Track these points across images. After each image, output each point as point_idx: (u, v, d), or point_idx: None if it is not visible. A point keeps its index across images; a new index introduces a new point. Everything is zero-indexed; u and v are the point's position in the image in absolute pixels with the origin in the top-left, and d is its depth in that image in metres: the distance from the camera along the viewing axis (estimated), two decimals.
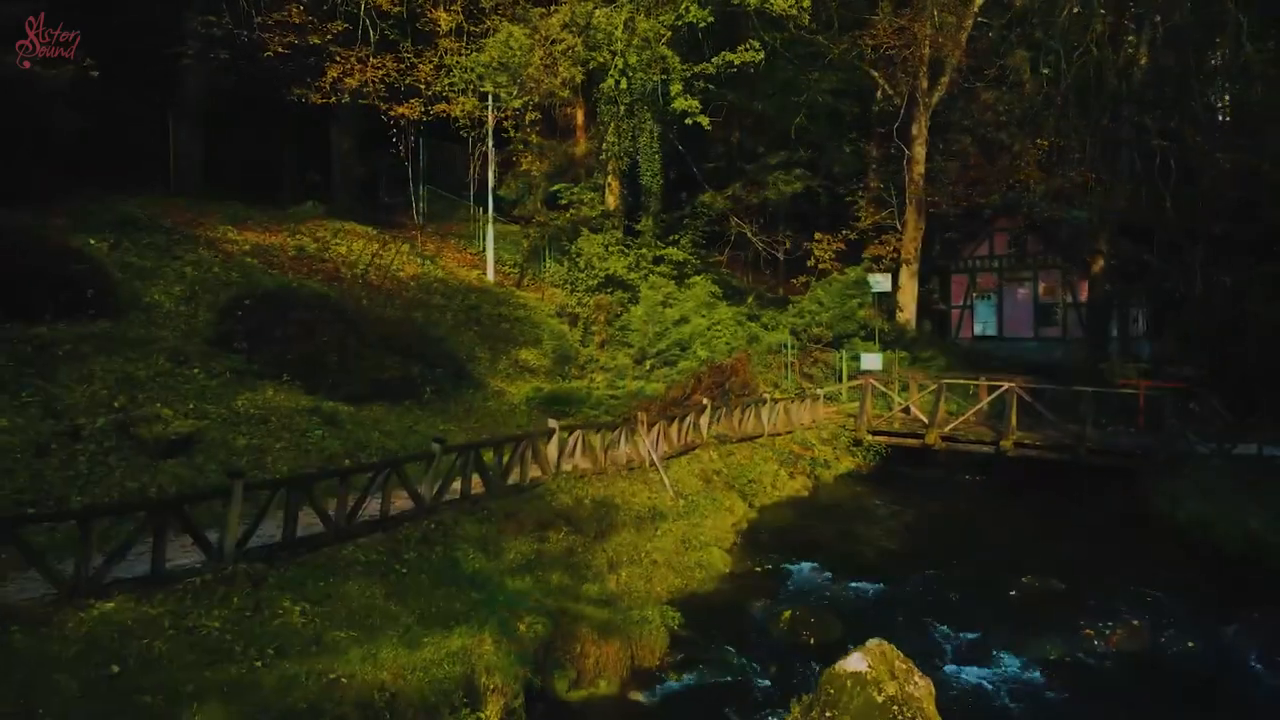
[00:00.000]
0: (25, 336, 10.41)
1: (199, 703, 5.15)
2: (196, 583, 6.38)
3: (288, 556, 7.12)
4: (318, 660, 5.90)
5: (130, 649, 5.51)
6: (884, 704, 5.65)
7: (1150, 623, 8.69)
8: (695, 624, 8.82)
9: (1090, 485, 14.95)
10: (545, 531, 9.30)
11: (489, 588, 7.81)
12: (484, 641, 6.73)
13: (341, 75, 20.36)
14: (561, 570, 8.68)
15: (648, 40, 17.76)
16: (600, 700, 7.38)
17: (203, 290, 14.24)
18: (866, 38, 27.23)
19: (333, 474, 7.92)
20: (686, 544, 10.58)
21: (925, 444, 16.68)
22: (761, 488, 13.98)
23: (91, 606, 5.80)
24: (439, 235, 24.38)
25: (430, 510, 8.57)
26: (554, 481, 10.44)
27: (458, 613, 7.15)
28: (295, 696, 5.47)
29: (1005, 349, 29.18)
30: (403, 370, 13.75)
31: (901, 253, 28.15)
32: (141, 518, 6.25)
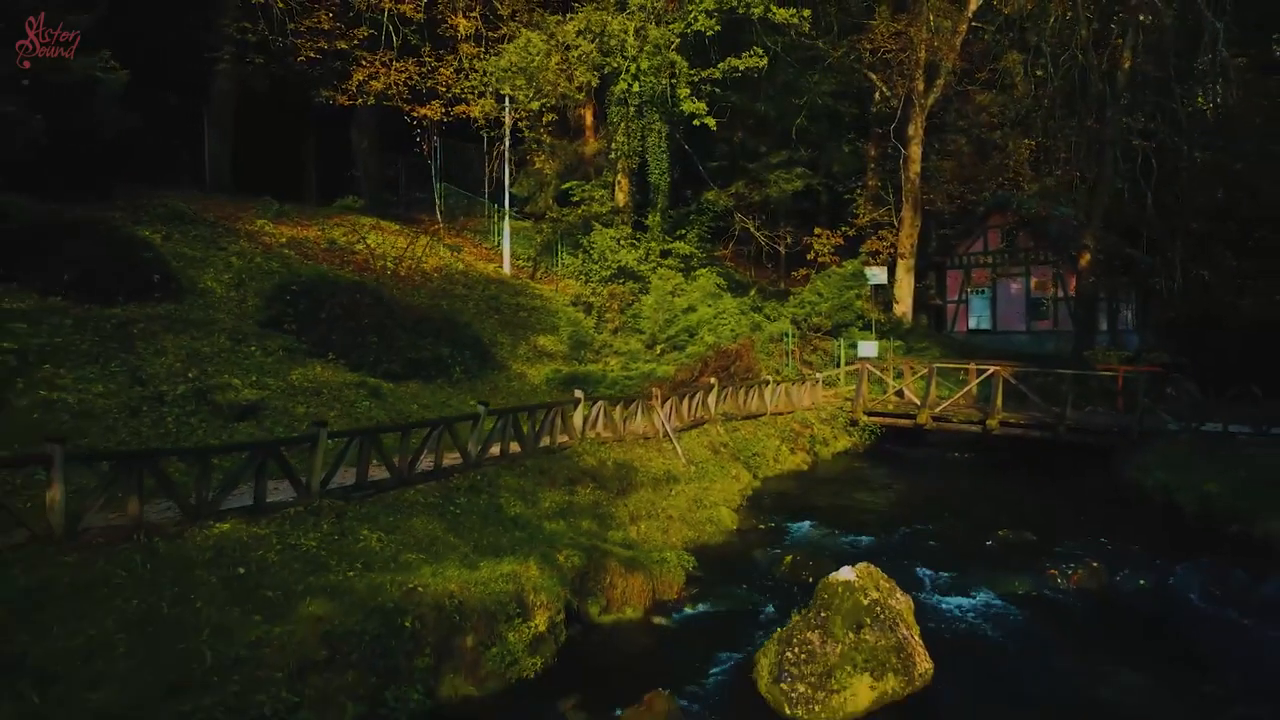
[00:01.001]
0: (104, 317, 11.59)
1: (309, 598, 6.33)
2: (290, 513, 7.57)
3: (360, 496, 8.31)
4: (396, 574, 7.08)
5: (249, 557, 6.70)
6: (869, 605, 6.83)
7: (1108, 566, 9.86)
8: (707, 567, 10.01)
9: (1069, 461, 16.12)
10: (574, 487, 10.49)
11: (529, 528, 9.01)
12: (530, 567, 7.90)
13: (367, 78, 21.55)
14: (589, 518, 9.86)
15: (658, 47, 18.94)
16: (627, 623, 8.56)
17: (248, 278, 15.43)
18: (865, 42, 28.44)
19: (397, 428, 9.12)
20: (698, 503, 11.76)
21: (917, 424, 17.86)
22: (764, 460, 15.18)
23: (211, 526, 6.99)
24: (456, 231, 25.56)
25: (475, 465, 9.76)
26: (580, 445, 11.64)
27: (505, 546, 8.34)
28: (383, 598, 6.64)
29: (998, 342, 30.31)
30: (434, 352, 14.93)
31: (898, 248, 29.35)
32: (246, 456, 7.43)
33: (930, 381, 18.26)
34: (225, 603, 6.01)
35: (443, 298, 18.39)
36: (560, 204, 25.43)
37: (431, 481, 9.16)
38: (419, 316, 15.50)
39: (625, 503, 10.75)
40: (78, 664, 5.06)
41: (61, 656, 5.08)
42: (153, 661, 5.26)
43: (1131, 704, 6.84)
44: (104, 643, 5.29)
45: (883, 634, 6.70)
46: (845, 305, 22.86)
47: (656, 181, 23.81)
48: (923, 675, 6.79)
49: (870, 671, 6.54)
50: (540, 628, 7.53)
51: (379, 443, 8.54)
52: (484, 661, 7.07)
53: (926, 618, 7.98)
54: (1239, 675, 7.38)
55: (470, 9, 22.27)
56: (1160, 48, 22.15)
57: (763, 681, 6.83)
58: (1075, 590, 9.38)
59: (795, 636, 6.86)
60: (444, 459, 9.61)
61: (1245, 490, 11.74)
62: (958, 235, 33.43)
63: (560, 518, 9.54)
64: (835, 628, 6.71)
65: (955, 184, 29.72)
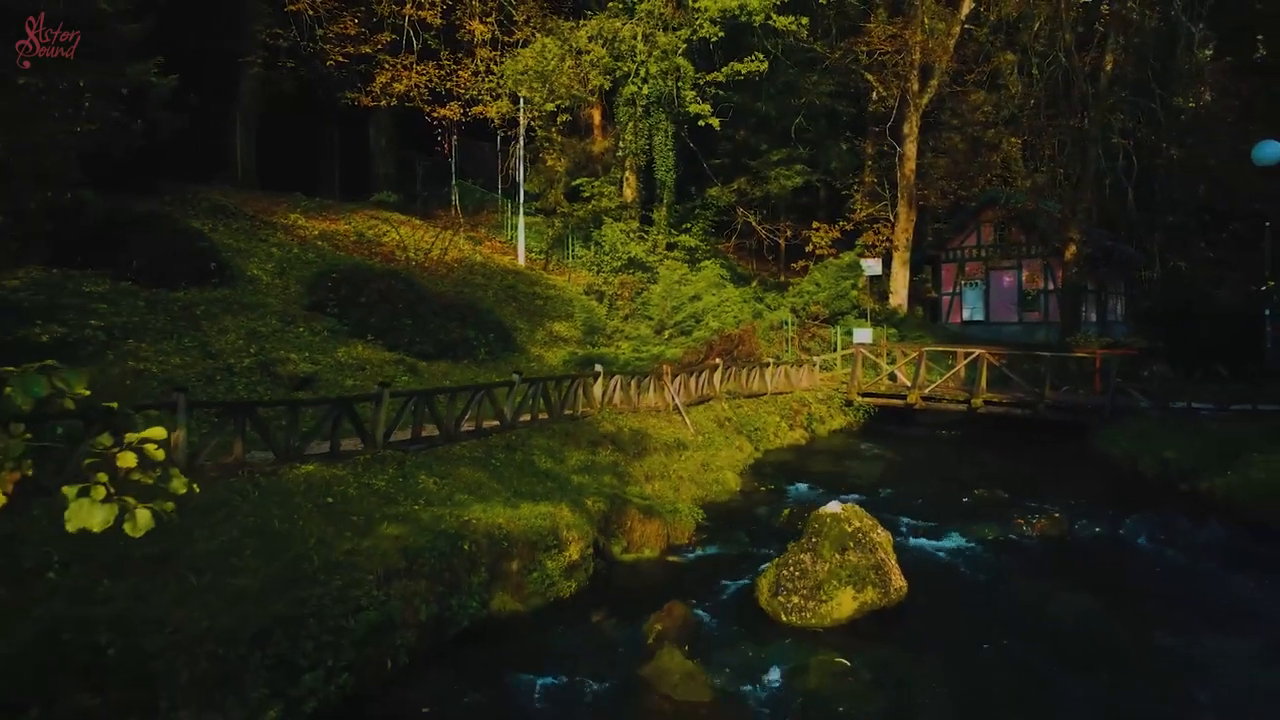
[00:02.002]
0: (170, 299, 12.89)
1: (386, 522, 7.63)
2: (360, 459, 8.87)
3: (415, 450, 9.60)
4: (452, 509, 8.37)
5: (333, 491, 7.99)
6: (852, 533, 8.12)
7: (1069, 517, 11.15)
8: (714, 518, 11.31)
9: (1048, 436, 17.40)
10: (595, 449, 11.78)
11: (558, 480, 10.30)
12: (562, 509, 9.19)
13: (390, 81, 22.82)
14: (610, 475, 11.16)
15: (666, 52, 20.20)
16: (645, 561, 9.85)
17: (289, 266, 16.71)
18: (861, 44, 29.64)
19: (446, 390, 10.41)
20: (705, 467, 13.06)
21: (908, 404, 19.15)
22: (765, 435, 16.46)
23: (298, 467, 8.29)
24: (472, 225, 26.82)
25: (510, 427, 11.06)
26: (599, 414, 12.93)
27: (539, 493, 9.63)
28: (444, 526, 7.93)
29: (991, 333, 31.58)
30: (461, 334, 16.21)
31: (894, 242, 30.61)
32: (327, 408, 8.72)
33: (920, 365, 19.53)
34: (321, 522, 7.31)
35: (465, 286, 19.67)
36: (570, 199, 26.68)
37: (473, 440, 10.44)
38: (446, 303, 16.78)
39: (640, 464, 12.04)
40: (217, 560, 6.35)
41: (205, 555, 6.37)
42: (273, 561, 6.55)
43: (1076, 618, 8.11)
44: (234, 547, 6.59)
45: (864, 555, 7.98)
46: (841, 295, 24.14)
47: (663, 178, 25.07)
48: (898, 591, 8.07)
49: (853, 585, 7.83)
50: (573, 557, 8.84)
51: (432, 403, 9.84)
52: (527, 583, 8.37)
53: (905, 554, 9.25)
54: (1171, 598, 8.67)
55: (486, 15, 23.51)
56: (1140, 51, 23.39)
57: (763, 597, 8.12)
58: (1038, 536, 10.66)
59: (790, 559, 8.15)
60: (483, 422, 10.89)
61: (1197, 456, 13.01)
62: (952, 230, 34.67)
63: (584, 473, 10.83)
64: (824, 550, 8.00)
65: (948, 180, 30.95)
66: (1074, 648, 7.33)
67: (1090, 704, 6.40)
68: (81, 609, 5.36)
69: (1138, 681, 6.72)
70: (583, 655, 7.21)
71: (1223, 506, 11.37)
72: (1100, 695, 6.52)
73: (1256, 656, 7.06)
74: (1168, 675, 6.81)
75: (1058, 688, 6.67)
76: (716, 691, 6.54)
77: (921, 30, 28.99)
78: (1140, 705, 6.38)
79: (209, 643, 5.56)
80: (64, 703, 4.90)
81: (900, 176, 30.26)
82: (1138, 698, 6.49)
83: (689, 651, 7.02)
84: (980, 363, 18.60)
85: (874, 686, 6.65)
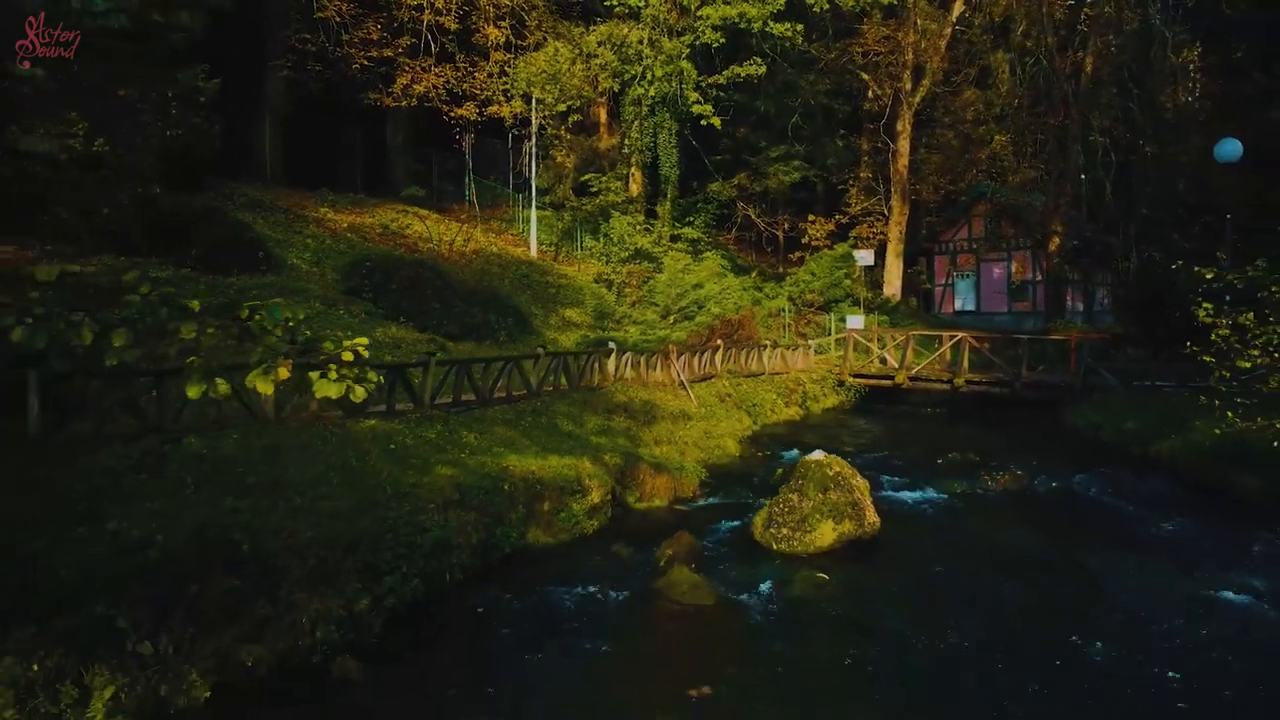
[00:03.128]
0: (227, 284, 14.32)
1: (440, 465, 9.07)
2: (412, 417, 10.31)
3: (455, 411, 11.04)
4: (492, 458, 9.82)
5: (394, 440, 9.44)
6: (833, 476, 9.56)
7: (1030, 475, 12.59)
8: (716, 477, 12.77)
9: (1024, 412, 18.84)
10: (610, 415, 13.23)
11: (579, 439, 11.74)
12: (584, 462, 10.64)
13: (410, 82, 24.22)
14: (623, 438, 12.60)
15: (671, 57, 21.61)
16: (656, 509, 11.29)
17: (324, 256, 18.16)
18: (856, 45, 31.02)
19: (481, 361, 11.86)
20: (707, 435, 14.51)
21: (896, 384, 20.58)
22: (763, 410, 17.91)
23: (362, 421, 9.73)
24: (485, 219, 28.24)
25: (535, 394, 12.51)
26: (612, 386, 14.37)
27: (564, 448, 11.06)
28: (486, 470, 9.38)
29: (981, 322, 32.98)
30: (483, 318, 17.65)
31: (888, 234, 32.02)
32: (385, 372, 10.17)
33: (907, 348, 20.97)
34: (388, 462, 8.76)
35: (484, 275, 21.10)
36: (578, 194, 28.10)
37: (504, 405, 11.89)
38: (469, 289, 18.22)
39: (650, 430, 13.49)
40: (311, 488, 7.78)
41: (301, 483, 7.81)
42: (354, 490, 7.99)
43: (1022, 546, 9.57)
44: (322, 477, 8.03)
45: (842, 494, 9.42)
46: (835, 284, 25.56)
47: (667, 173, 26.48)
48: (872, 525, 9.52)
49: (833, 519, 9.27)
50: (595, 501, 10.28)
51: (469, 371, 11.28)
52: (557, 521, 9.82)
53: (882, 501, 10.70)
54: (1105, 533, 10.11)
55: (500, 19, 24.89)
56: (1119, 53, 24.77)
57: (757, 530, 9.57)
58: (1001, 489, 12.11)
59: (781, 499, 9.59)
60: (512, 390, 12.34)
61: (1152, 425, 14.43)
62: (944, 223, 36.07)
63: (601, 435, 12.27)
64: (809, 490, 9.44)
65: (939, 176, 32.33)
66: (1016, 566, 8.79)
67: (1023, 604, 7.84)
68: (219, 518, 6.80)
69: (1063, 588, 8.18)
70: (606, 574, 8.65)
71: (1168, 466, 12.82)
72: (1032, 598, 7.97)
73: (1161, 571, 8.51)
74: (1088, 583, 8.26)
75: (999, 593, 8.11)
76: (719, 597, 7.98)
77: (914, 32, 30.38)
78: (1062, 604, 7.82)
79: (314, 547, 7.01)
80: (215, 584, 6.34)
81: (894, 172, 31.65)
82: (1062, 598, 7.94)
83: (695, 569, 8.46)
84: (962, 346, 20.02)
85: (847, 593, 8.10)
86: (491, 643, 7.12)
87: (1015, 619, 7.51)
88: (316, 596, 6.85)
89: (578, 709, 6.00)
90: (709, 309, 21.16)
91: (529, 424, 11.64)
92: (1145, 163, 24.02)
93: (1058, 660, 6.59)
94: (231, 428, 8.59)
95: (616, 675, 6.57)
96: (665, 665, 6.83)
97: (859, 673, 6.59)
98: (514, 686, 6.30)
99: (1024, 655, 6.73)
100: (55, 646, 5.43)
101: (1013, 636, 7.13)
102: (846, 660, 6.79)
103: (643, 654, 7.04)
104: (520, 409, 12.05)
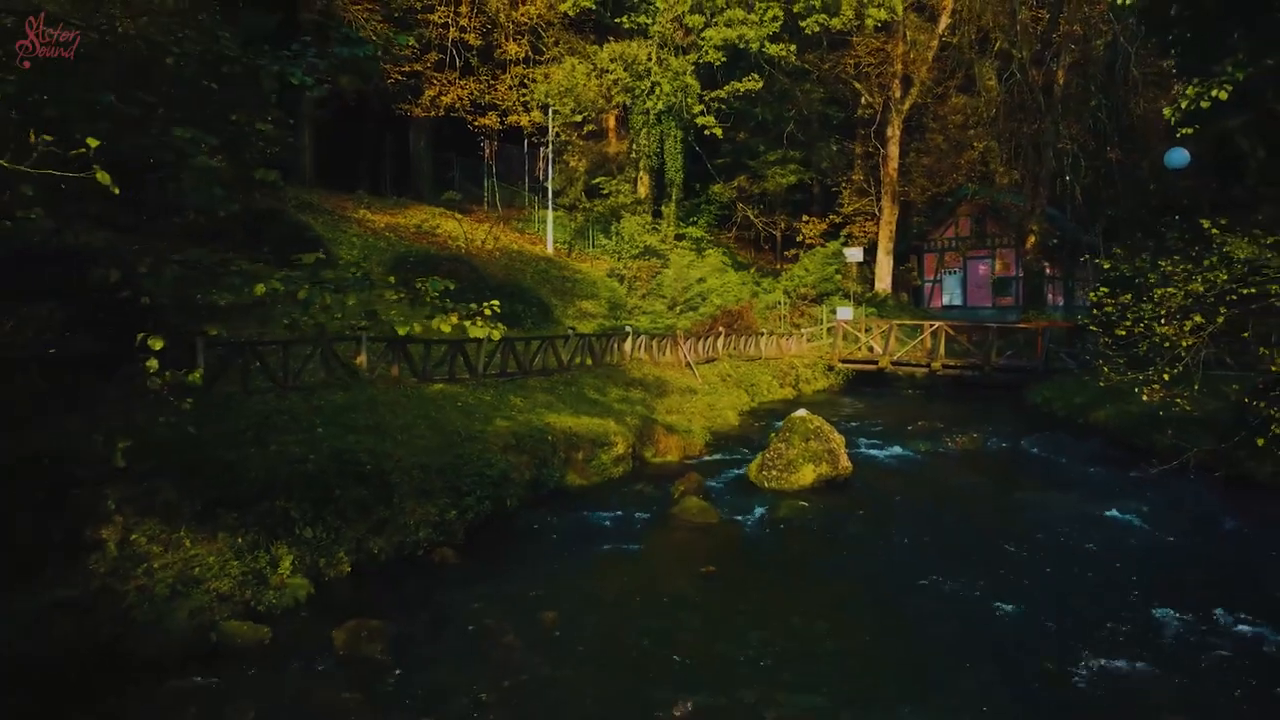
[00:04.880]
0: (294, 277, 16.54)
1: (497, 419, 11.32)
2: (469, 384, 12.55)
3: (503, 380, 13.29)
4: (536, 416, 12.06)
5: (460, 400, 11.68)
6: (814, 429, 11.81)
7: (984, 437, 14.84)
8: (719, 440, 15.01)
9: (993, 393, 21.07)
10: (628, 388, 15.47)
11: (603, 405, 13.99)
12: (609, 422, 12.89)
13: (438, 94, 26.46)
14: (640, 406, 14.85)
15: (677, 73, 23.84)
16: (669, 463, 13.53)
17: (369, 252, 20.38)
18: (849, 57, 33.21)
19: (523, 339, 14.10)
20: (711, 407, 16.75)
21: (880, 368, 22.82)
22: (759, 389, 20.15)
23: (430, 385, 11.97)
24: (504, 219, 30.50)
25: (565, 369, 14.75)
26: (629, 365, 16.62)
27: (591, 411, 13.30)
28: (533, 426, 11.61)
29: (967, 315, 35.15)
30: (511, 308, 19.84)
31: (878, 233, 34.26)
32: (447, 347, 12.41)
33: (890, 336, 23.20)
34: (457, 415, 11.00)
35: (508, 270, 23.31)
36: (589, 196, 30.32)
37: (540, 377, 14.13)
38: (498, 283, 20.43)
39: (662, 401, 15.73)
40: (405, 431, 10.01)
41: (395, 427, 10.03)
42: (436, 433, 10.23)
43: (966, 487, 11.81)
44: (411, 424, 10.26)
45: (821, 443, 11.66)
46: (826, 279, 27.80)
47: (672, 177, 28.71)
48: (845, 469, 11.75)
49: (812, 463, 11.51)
50: (620, 453, 12.54)
51: (514, 348, 13.53)
52: (589, 467, 12.06)
53: (856, 456, 12.92)
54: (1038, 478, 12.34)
55: (519, 36, 27.12)
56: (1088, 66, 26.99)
57: (752, 473, 11.81)
58: (959, 448, 14.36)
59: (771, 448, 11.83)
60: (547, 365, 14.59)
61: (1096, 399, 16.63)
62: (933, 222, 38.29)
63: (622, 403, 14.52)
64: (794, 440, 11.68)
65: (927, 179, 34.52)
66: (962, 500, 11.04)
67: (962, 522, 10.07)
68: (346, 447, 9.03)
69: (995, 512, 10.45)
70: (632, 503, 10.89)
71: (1104, 431, 15.03)
72: (970, 518, 10.21)
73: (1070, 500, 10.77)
74: (1015, 509, 10.53)
75: (945, 516, 10.35)
76: (721, 518, 10.21)
77: (903, 44, 32.60)
78: (992, 522, 10.06)
79: (414, 470, 9.25)
80: (348, 493, 8.56)
81: (884, 175, 33.86)
82: (992, 518, 10.19)
83: (703, 499, 10.70)
84: (940, 334, 22.26)
85: (821, 516, 10.33)
86: (547, 545, 9.37)
87: (954, 531, 9.75)
88: (419, 505, 9.10)
89: (619, 581, 8.23)
90: (711, 301, 23.39)
91: (562, 392, 13.89)
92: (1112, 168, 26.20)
93: (983, 555, 8.81)
94: (336, 387, 10.83)
95: (645, 563, 8.82)
96: (682, 557, 9.06)
97: (827, 565, 8.84)
98: (568, 570, 8.53)
99: (957, 554, 8.93)
100: (252, 526, 7.68)
101: (951, 542, 9.36)
102: (818, 558, 9.04)
103: (664, 551, 9.28)
104: (554, 380, 14.30)
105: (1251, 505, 10.03)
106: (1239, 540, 9.18)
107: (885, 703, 5.70)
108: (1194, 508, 10.11)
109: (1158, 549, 8.94)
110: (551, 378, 14.30)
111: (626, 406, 14.29)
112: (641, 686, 5.96)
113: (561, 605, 7.35)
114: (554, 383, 14.16)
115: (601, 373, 15.57)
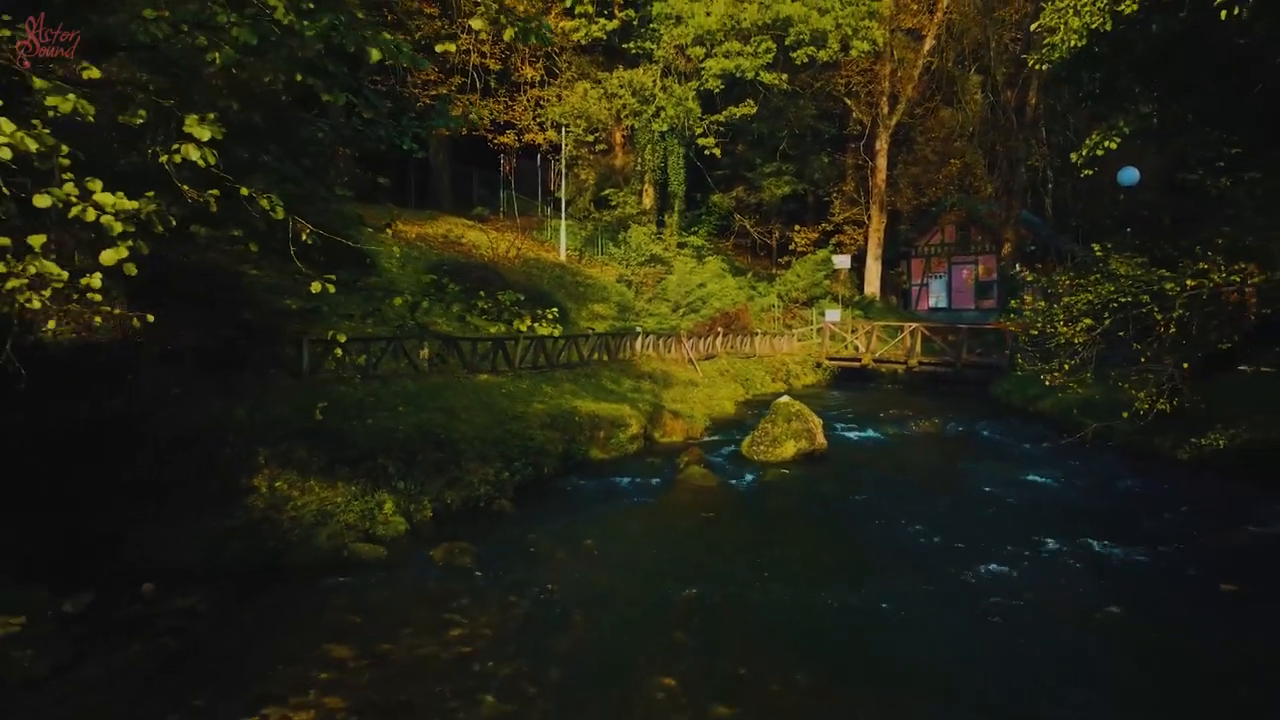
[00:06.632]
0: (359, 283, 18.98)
1: (534, 403, 13.76)
2: (508, 376, 14.99)
3: (535, 372, 15.73)
4: (564, 401, 14.49)
5: (502, 388, 14.11)
6: (796, 412, 14.25)
7: (945, 422, 17.27)
8: (717, 424, 17.45)
9: (963, 388, 23.50)
10: (639, 380, 17.92)
11: (619, 394, 16.43)
12: (624, 407, 15.32)
13: (463, 114, 28.92)
14: (650, 394, 17.29)
15: (680, 99, 26.33)
16: (675, 442, 15.94)
17: (406, 260, 22.80)
18: (839, 76, 35.70)
19: (552, 338, 16.54)
20: (711, 397, 19.19)
21: (863, 365, 25.26)
22: (754, 383, 22.59)
23: (476, 377, 14.40)
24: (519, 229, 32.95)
25: (586, 364, 17.20)
26: (639, 360, 19.06)
27: (609, 399, 15.74)
28: (562, 410, 14.05)
29: (951, 318, 37.54)
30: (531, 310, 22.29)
31: (868, 241, 36.71)
32: (491, 344, 14.84)
33: (873, 336, 25.64)
34: (502, 399, 13.44)
35: (528, 276, 25.75)
36: (598, 206, 32.77)
37: (565, 370, 16.57)
38: (521, 288, 22.88)
39: (668, 392, 18.17)
40: (464, 411, 12.45)
41: (457, 408, 12.46)
42: (488, 413, 12.67)
43: (924, 460, 14.23)
44: (466, 406, 12.70)
45: (801, 424, 14.10)
46: (816, 284, 30.25)
47: (675, 189, 31.17)
48: (821, 446, 14.19)
49: (794, 439, 13.94)
50: (634, 432, 14.98)
51: (544, 345, 15.97)
52: (609, 444, 14.49)
53: (832, 437, 15.36)
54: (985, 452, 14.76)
55: (535, 60, 29.59)
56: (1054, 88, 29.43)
57: (745, 449, 14.25)
58: (920, 432, 16.80)
59: (760, 427, 14.27)
60: (571, 359, 17.03)
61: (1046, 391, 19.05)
62: (920, 230, 40.77)
63: (634, 392, 16.96)
64: (778, 420, 14.12)
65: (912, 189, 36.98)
66: (918, 469, 13.48)
67: (917, 484, 12.50)
68: (423, 422, 11.45)
69: (943, 476, 12.88)
70: (645, 472, 13.31)
71: (1049, 417, 17.47)
72: (923, 482, 12.64)
73: (1003, 468, 13.21)
74: (959, 475, 12.96)
75: (903, 480, 12.78)
76: (719, 482, 12.63)
77: (890, 62, 35.07)
78: (940, 483, 12.49)
79: (475, 441, 11.69)
80: (428, 456, 10.98)
81: (873, 185, 36.31)
82: (941, 482, 12.62)
83: (704, 468, 13.13)
84: (917, 334, 24.71)
85: (800, 480, 12.76)
86: (580, 501, 11.80)
87: (904, 491, 12.18)
88: (480, 467, 11.54)
89: (639, 523, 10.65)
90: (711, 304, 25.83)
91: (584, 382, 16.34)
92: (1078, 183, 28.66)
93: (922, 506, 11.23)
94: (406, 377, 13.28)
95: (659, 512, 11.25)
96: (687, 508, 11.48)
97: (801, 514, 11.28)
98: (599, 516, 10.96)
99: (904, 505, 11.34)
100: (362, 478, 10.12)
101: (900, 497, 11.78)
102: (795, 509, 11.48)
103: (673, 504, 11.71)
104: (577, 373, 16.74)
105: (1147, 471, 12.48)
106: (1125, 495, 11.63)
107: (835, 588, 8.13)
108: (1099, 473, 12.56)
109: (1060, 501, 11.38)
110: (575, 370, 16.74)
111: (638, 395, 16.73)
112: (660, 585, 8.39)
113: (597, 537, 9.78)
114: (577, 375, 16.61)
115: (616, 367, 18.01)
